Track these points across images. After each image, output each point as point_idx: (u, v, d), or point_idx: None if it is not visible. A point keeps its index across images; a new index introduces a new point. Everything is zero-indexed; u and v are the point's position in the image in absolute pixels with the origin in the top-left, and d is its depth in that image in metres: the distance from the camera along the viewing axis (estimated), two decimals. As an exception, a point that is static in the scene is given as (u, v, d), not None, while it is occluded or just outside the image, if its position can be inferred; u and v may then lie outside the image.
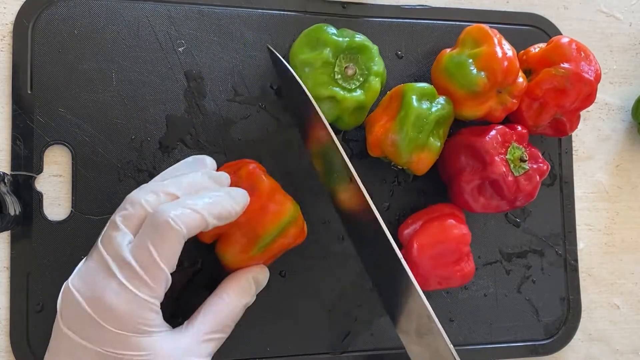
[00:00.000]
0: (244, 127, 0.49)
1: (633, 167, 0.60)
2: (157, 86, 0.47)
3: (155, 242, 0.35)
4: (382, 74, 0.47)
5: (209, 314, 0.40)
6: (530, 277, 0.55)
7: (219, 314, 0.40)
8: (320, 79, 0.45)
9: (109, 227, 0.37)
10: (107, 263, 0.36)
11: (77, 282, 0.36)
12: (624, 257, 0.59)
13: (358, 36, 0.46)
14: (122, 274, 0.35)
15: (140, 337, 0.35)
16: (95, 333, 0.35)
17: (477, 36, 0.47)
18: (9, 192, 0.43)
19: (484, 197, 0.47)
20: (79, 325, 0.36)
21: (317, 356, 0.49)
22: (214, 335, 0.39)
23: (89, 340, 0.35)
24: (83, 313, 0.35)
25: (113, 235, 0.36)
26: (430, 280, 0.48)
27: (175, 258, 0.36)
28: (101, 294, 0.35)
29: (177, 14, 0.48)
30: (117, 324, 0.35)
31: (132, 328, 0.35)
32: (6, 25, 0.46)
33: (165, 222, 0.35)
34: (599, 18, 0.60)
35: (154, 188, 0.38)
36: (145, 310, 0.35)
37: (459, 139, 0.49)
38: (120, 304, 0.35)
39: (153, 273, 0.35)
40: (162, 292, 0.36)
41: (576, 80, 0.47)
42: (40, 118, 0.45)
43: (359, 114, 0.47)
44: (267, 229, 0.41)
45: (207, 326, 0.39)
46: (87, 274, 0.36)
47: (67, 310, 0.36)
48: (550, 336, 0.55)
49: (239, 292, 0.41)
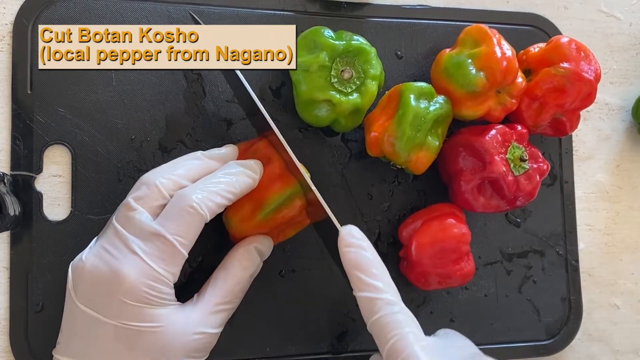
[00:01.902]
0: (243, 127, 0.49)
1: (633, 167, 0.60)
2: (157, 86, 0.47)
3: (179, 225, 0.37)
4: (380, 77, 0.47)
5: (217, 286, 0.41)
6: (531, 278, 0.55)
7: (226, 284, 0.41)
8: (316, 83, 0.45)
9: (124, 208, 0.39)
10: (127, 240, 0.37)
11: (93, 260, 0.38)
12: (624, 257, 0.59)
13: (355, 39, 0.46)
14: (142, 251, 0.37)
15: (155, 309, 0.37)
16: (111, 307, 0.36)
17: (477, 36, 0.47)
18: (8, 192, 0.43)
19: (484, 196, 0.47)
20: (95, 300, 0.37)
21: (317, 356, 0.49)
22: (224, 306, 0.41)
23: (105, 314, 0.36)
24: (100, 288, 0.37)
25: (130, 215, 0.38)
26: (430, 279, 0.47)
27: (195, 238, 0.38)
28: (120, 268, 0.36)
29: (177, 14, 0.48)
30: (134, 297, 0.36)
31: (147, 301, 0.37)
32: (6, 25, 0.46)
33: (190, 206, 0.37)
34: (599, 18, 0.60)
35: (166, 170, 0.40)
36: (159, 284, 0.37)
37: (459, 138, 0.49)
38: (139, 278, 0.36)
39: (172, 253, 0.37)
40: (178, 270, 0.38)
41: (576, 79, 0.47)
42: (40, 118, 0.45)
43: (356, 116, 0.47)
44: (272, 196, 0.42)
45: (217, 297, 0.40)
46: (104, 252, 0.38)
47: (81, 287, 0.37)
48: (551, 336, 0.55)
49: (243, 262, 0.42)
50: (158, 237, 0.37)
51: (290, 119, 0.50)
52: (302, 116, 0.48)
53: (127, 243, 0.37)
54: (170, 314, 0.38)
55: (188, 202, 0.37)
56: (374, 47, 0.47)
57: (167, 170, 0.40)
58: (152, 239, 0.37)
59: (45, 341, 0.44)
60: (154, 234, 0.37)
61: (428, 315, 0.52)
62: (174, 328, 0.37)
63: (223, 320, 0.41)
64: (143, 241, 0.37)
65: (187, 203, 0.37)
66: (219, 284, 0.41)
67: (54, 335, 0.41)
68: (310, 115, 0.47)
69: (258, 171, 0.42)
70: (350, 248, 0.40)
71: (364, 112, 0.47)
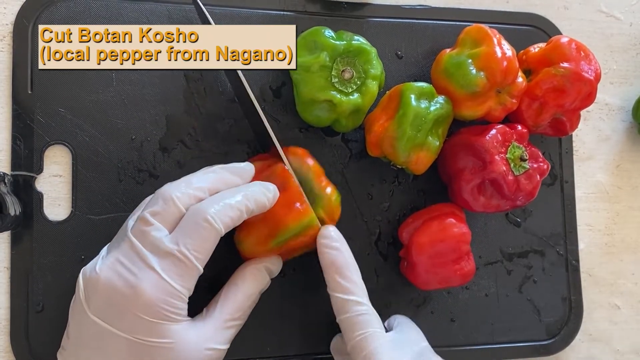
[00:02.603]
0: (243, 127, 0.49)
1: (633, 168, 0.60)
2: (157, 87, 0.47)
3: (194, 239, 0.37)
4: (380, 77, 0.47)
5: (226, 302, 0.41)
6: (532, 277, 0.55)
7: (236, 301, 0.41)
8: (317, 83, 0.45)
9: (141, 223, 0.38)
10: (144, 256, 0.37)
11: (108, 273, 0.37)
12: (624, 257, 0.59)
13: (356, 39, 0.46)
14: (159, 267, 0.37)
15: (168, 325, 0.37)
16: (126, 321, 0.36)
17: (477, 36, 0.47)
18: (9, 192, 0.43)
19: (484, 196, 0.47)
20: (109, 313, 0.37)
21: (317, 356, 0.49)
22: (233, 322, 0.41)
23: (119, 327, 0.36)
24: (115, 302, 0.36)
25: (147, 230, 0.38)
26: (430, 279, 0.47)
27: (210, 252, 0.38)
28: (137, 284, 0.36)
29: (177, 14, 0.48)
30: (149, 312, 0.36)
31: (163, 316, 0.37)
32: (6, 25, 0.46)
33: (205, 220, 0.37)
34: (599, 18, 0.60)
35: (183, 184, 0.40)
36: (175, 299, 0.37)
37: (459, 138, 0.49)
38: (154, 294, 0.36)
39: (188, 268, 0.37)
40: (193, 285, 0.38)
41: (576, 79, 0.47)
42: (41, 118, 0.45)
43: (356, 116, 0.47)
44: (288, 226, 0.42)
45: (226, 314, 0.41)
46: (120, 265, 0.37)
47: (95, 299, 0.37)
48: (551, 336, 0.55)
49: (253, 280, 0.43)
50: (174, 254, 0.37)
51: (290, 119, 0.50)
52: (302, 116, 0.48)
53: (145, 259, 0.37)
54: (183, 330, 0.38)
55: (203, 215, 0.37)
56: (374, 47, 0.47)
57: (184, 184, 0.40)
58: (169, 256, 0.37)
59: (46, 341, 0.44)
60: (171, 251, 0.37)
61: (428, 315, 0.52)
62: (187, 344, 0.37)
63: (232, 336, 0.41)
64: (160, 258, 0.37)
65: (202, 217, 0.37)
66: (229, 301, 0.41)
67: (55, 335, 0.41)
68: (311, 115, 0.47)
69: (273, 194, 0.42)
70: (328, 249, 0.43)
71: (364, 112, 0.47)
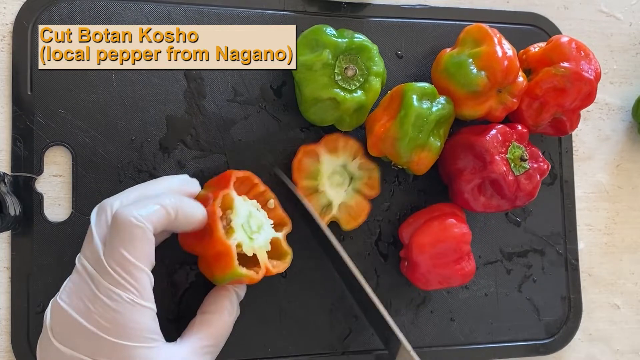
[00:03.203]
0: (244, 127, 0.49)
1: (633, 167, 0.60)
2: (157, 87, 0.47)
3: (124, 243, 0.35)
4: (382, 74, 0.47)
5: (202, 328, 0.41)
6: (531, 277, 0.55)
7: (211, 330, 0.41)
8: (320, 81, 0.45)
9: (86, 239, 0.37)
10: (91, 275, 0.36)
11: (66, 298, 0.36)
12: (624, 257, 0.59)
13: (357, 36, 0.46)
14: (106, 281, 0.35)
15: (138, 347, 0.35)
16: (89, 345, 0.35)
17: (477, 36, 0.47)
18: (9, 192, 0.43)
19: (484, 196, 0.47)
20: (72, 339, 0.35)
21: (318, 356, 0.49)
22: (210, 349, 0.40)
23: (83, 352, 0.35)
24: (77, 326, 0.35)
25: (89, 247, 0.37)
26: (430, 279, 0.48)
27: (150, 255, 0.37)
28: (92, 304, 0.35)
29: (177, 14, 0.48)
30: (112, 333, 0.35)
31: (127, 336, 0.35)
32: (6, 25, 0.46)
33: (127, 221, 0.35)
34: (599, 18, 0.60)
35: (120, 194, 0.39)
36: (139, 315, 0.35)
37: (459, 138, 0.49)
38: (112, 311, 0.35)
39: (133, 274, 0.35)
40: (147, 291, 0.36)
41: (576, 79, 0.47)
42: (40, 119, 0.45)
43: (360, 114, 0.47)
44: (219, 275, 0.40)
45: (204, 339, 0.40)
46: (76, 288, 0.36)
47: (58, 326, 0.36)
48: (551, 335, 0.55)
49: (229, 311, 0.42)
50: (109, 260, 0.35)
51: (291, 119, 0.50)
52: (306, 115, 0.48)
53: (93, 277, 0.35)
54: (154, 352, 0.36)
55: (121, 218, 0.35)
56: (375, 44, 0.47)
57: (124, 193, 0.39)
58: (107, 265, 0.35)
59: (46, 342, 0.44)
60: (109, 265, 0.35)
61: (428, 314, 0.52)
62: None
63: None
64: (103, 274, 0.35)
65: (120, 219, 0.35)
66: (203, 330, 0.41)
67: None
68: (314, 114, 0.47)
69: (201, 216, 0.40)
70: None
71: (368, 110, 0.47)
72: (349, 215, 0.49)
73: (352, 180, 0.49)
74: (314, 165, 0.48)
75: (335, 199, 0.49)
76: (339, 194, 0.49)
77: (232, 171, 0.44)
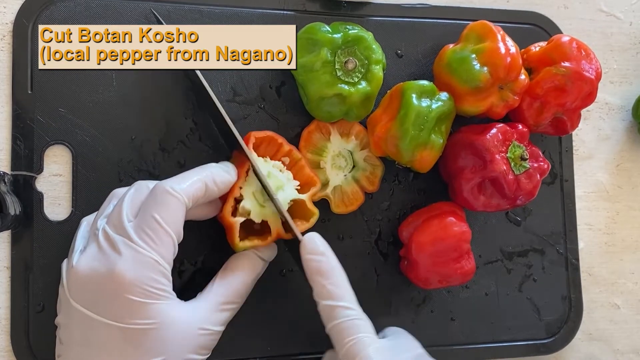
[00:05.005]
0: (243, 127, 0.49)
1: (633, 167, 0.60)
2: (157, 86, 0.47)
3: (157, 208, 0.38)
4: (382, 61, 0.47)
5: (223, 286, 0.42)
6: (532, 276, 0.55)
7: (232, 285, 0.42)
8: (323, 79, 0.45)
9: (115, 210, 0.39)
10: (117, 239, 0.37)
11: (86, 261, 0.37)
12: (624, 257, 0.59)
13: (350, 28, 0.46)
14: (132, 240, 0.37)
15: (153, 304, 0.37)
16: (108, 305, 0.37)
17: (481, 32, 0.47)
18: (9, 191, 0.43)
19: (484, 195, 0.47)
20: (91, 300, 0.37)
21: (318, 356, 0.49)
22: (229, 306, 0.42)
23: (102, 314, 0.36)
24: (97, 288, 0.37)
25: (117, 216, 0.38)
26: (430, 278, 0.47)
27: (179, 224, 0.39)
28: (114, 264, 0.36)
29: (177, 14, 0.48)
30: (130, 291, 0.36)
31: (145, 293, 0.37)
32: (6, 25, 0.46)
33: (164, 191, 0.38)
34: (599, 17, 0.60)
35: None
36: (156, 273, 0.37)
37: (460, 137, 0.48)
38: (133, 269, 0.36)
39: (161, 236, 0.38)
40: (169, 255, 0.38)
41: (577, 78, 0.47)
42: (41, 118, 0.45)
43: (367, 104, 0.47)
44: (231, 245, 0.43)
45: (222, 296, 0.41)
46: (97, 253, 0.38)
47: (77, 288, 0.37)
48: (551, 335, 0.55)
49: (250, 267, 0.43)
50: (143, 225, 0.37)
51: (290, 118, 0.50)
52: (314, 114, 0.48)
53: (118, 241, 0.37)
54: (170, 309, 0.38)
55: (159, 188, 0.38)
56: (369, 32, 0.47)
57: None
58: (138, 229, 0.37)
59: (46, 341, 0.44)
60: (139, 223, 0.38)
61: (428, 314, 0.52)
62: (175, 324, 0.38)
63: (227, 319, 0.42)
64: (131, 234, 0.37)
65: (162, 189, 0.38)
66: (224, 284, 0.42)
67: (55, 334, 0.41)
68: (322, 112, 0.47)
69: (233, 173, 0.43)
70: (312, 256, 0.42)
71: (374, 98, 0.48)
72: (342, 201, 0.50)
73: (355, 169, 0.50)
74: (323, 141, 0.49)
75: (333, 179, 0.49)
76: (338, 177, 0.49)
77: (251, 133, 0.45)
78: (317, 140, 0.49)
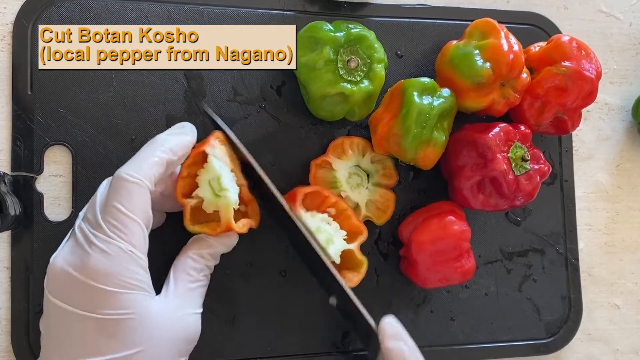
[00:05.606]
0: (243, 127, 0.49)
1: (633, 167, 0.60)
2: (157, 87, 0.47)
3: (118, 197, 0.37)
4: (384, 60, 0.47)
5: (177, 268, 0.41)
6: (531, 276, 0.55)
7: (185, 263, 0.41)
8: (325, 78, 0.45)
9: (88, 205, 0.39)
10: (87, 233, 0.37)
11: (62, 256, 0.38)
12: (624, 257, 0.59)
13: (353, 27, 0.46)
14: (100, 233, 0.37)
15: (125, 293, 0.37)
16: (80, 297, 0.36)
17: (484, 29, 0.47)
18: (9, 192, 0.43)
19: (483, 194, 0.47)
20: (64, 292, 0.37)
21: (318, 356, 0.49)
22: (194, 284, 0.41)
23: (74, 304, 0.36)
24: (72, 281, 0.36)
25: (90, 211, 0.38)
26: (430, 277, 0.47)
27: (145, 210, 0.38)
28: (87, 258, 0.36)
29: (177, 14, 0.48)
30: (102, 280, 0.36)
31: (116, 282, 0.36)
32: (6, 25, 0.46)
33: (121, 178, 0.38)
34: (599, 18, 0.60)
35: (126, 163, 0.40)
36: (129, 262, 0.37)
37: (463, 134, 0.48)
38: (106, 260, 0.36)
39: (126, 224, 0.37)
40: (140, 243, 0.38)
41: (577, 78, 0.47)
42: (41, 118, 0.45)
43: (369, 102, 0.47)
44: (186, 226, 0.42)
45: (182, 279, 0.41)
46: (72, 247, 0.38)
47: (54, 283, 0.37)
48: (551, 335, 0.55)
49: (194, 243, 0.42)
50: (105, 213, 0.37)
51: (290, 118, 0.50)
52: (316, 114, 0.48)
53: (89, 235, 0.37)
54: (144, 301, 0.37)
55: (117, 176, 0.38)
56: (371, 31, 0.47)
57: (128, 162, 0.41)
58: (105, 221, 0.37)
59: (46, 341, 0.44)
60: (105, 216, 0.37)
61: (428, 313, 0.52)
62: (153, 315, 0.37)
63: (201, 297, 0.41)
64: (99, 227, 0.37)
65: (116, 177, 0.38)
66: (179, 266, 0.41)
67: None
68: (324, 111, 0.47)
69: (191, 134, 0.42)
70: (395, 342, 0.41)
71: (375, 97, 0.48)
72: (378, 210, 0.50)
73: (370, 176, 0.50)
74: (329, 174, 0.49)
75: (359, 199, 0.49)
76: (362, 194, 0.50)
77: (298, 189, 0.45)
78: (324, 177, 0.49)
